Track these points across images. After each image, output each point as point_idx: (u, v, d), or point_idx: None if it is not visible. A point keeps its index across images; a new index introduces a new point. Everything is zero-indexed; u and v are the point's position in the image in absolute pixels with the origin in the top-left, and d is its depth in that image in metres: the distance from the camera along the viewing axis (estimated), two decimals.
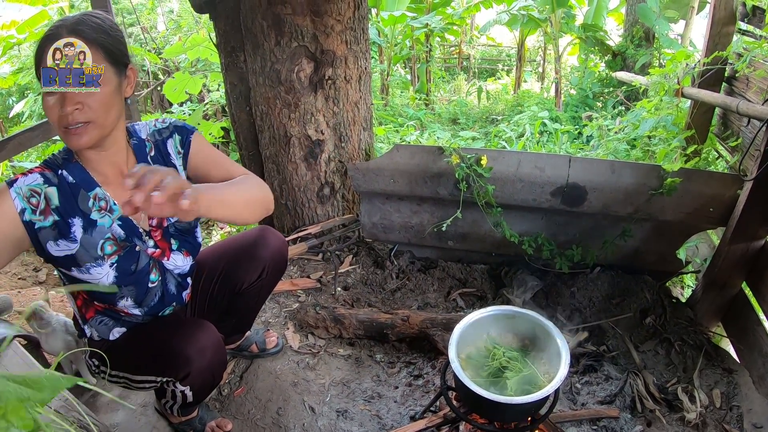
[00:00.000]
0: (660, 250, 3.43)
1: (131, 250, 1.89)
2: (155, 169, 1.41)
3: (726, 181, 3.12)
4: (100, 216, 1.79)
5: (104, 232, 1.80)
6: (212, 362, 1.99)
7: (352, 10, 3.38)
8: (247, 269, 2.31)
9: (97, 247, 1.79)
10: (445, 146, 3.38)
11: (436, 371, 2.91)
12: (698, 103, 4.18)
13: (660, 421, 2.62)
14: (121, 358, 1.96)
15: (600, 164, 3.29)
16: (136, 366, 2.01)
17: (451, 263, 3.81)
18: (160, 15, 11.11)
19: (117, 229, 1.85)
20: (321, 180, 3.77)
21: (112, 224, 1.83)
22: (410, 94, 12.17)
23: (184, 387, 2.04)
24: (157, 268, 2.01)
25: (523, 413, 2.16)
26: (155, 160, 1.98)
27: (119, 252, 1.85)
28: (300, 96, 3.47)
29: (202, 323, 2.00)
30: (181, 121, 2.07)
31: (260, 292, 2.47)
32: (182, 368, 1.93)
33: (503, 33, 17.57)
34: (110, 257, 1.83)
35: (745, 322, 3.06)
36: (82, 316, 2.01)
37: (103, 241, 1.80)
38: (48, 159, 1.76)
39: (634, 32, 9.62)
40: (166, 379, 2.00)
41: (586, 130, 7.14)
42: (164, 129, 2.02)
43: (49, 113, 1.63)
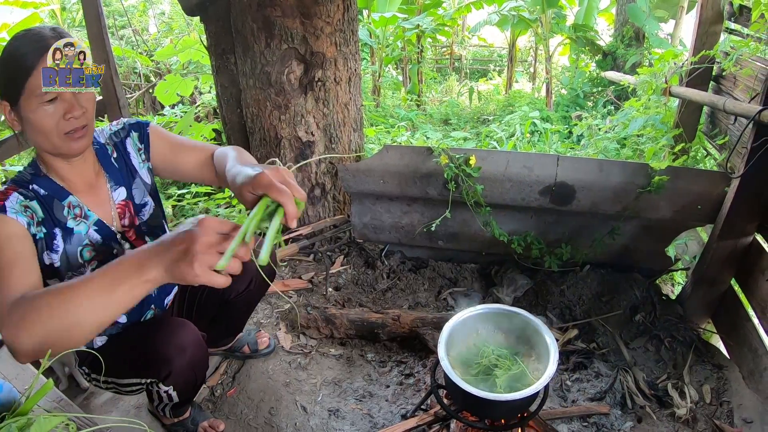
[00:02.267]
0: (649, 247, 3.45)
1: (110, 254, 1.90)
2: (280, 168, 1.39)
3: (713, 178, 3.14)
4: (75, 224, 1.81)
5: (82, 239, 1.82)
6: (193, 360, 1.98)
7: (341, 12, 3.40)
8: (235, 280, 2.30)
9: (77, 255, 1.80)
10: (434, 147, 3.40)
11: (427, 370, 2.93)
12: (686, 102, 4.21)
13: (650, 417, 2.64)
14: (108, 362, 1.93)
15: (588, 163, 3.31)
16: (120, 370, 2.01)
17: (441, 263, 3.83)
18: (152, 17, 11.10)
19: (94, 234, 1.86)
20: (312, 181, 3.78)
21: (89, 230, 1.84)
22: (402, 95, 12.17)
23: (167, 387, 2.05)
24: None
25: (513, 410, 2.18)
26: (118, 161, 2.00)
27: (99, 257, 1.86)
28: (290, 98, 3.48)
29: (181, 322, 1.99)
30: (134, 119, 2.09)
31: (249, 300, 2.48)
32: (163, 368, 1.94)
33: (494, 33, 17.59)
34: (90, 263, 1.84)
35: (734, 318, 3.08)
36: None
37: (81, 248, 1.81)
38: (14, 178, 1.74)
39: (624, 32, 9.67)
40: (150, 380, 2.01)
41: (576, 130, 7.15)
42: (120, 130, 2.03)
43: (46, 121, 1.62)
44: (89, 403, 2.64)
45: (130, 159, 2.03)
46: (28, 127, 1.65)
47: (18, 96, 1.59)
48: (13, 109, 1.63)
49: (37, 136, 1.66)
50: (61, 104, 1.62)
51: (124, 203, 1.99)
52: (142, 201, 2.06)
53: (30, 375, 2.22)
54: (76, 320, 1.28)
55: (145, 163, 2.06)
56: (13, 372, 2.20)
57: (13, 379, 2.12)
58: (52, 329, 1.29)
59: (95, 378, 2.05)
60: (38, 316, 1.29)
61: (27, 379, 2.16)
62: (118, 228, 1.96)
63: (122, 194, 1.99)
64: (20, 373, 2.19)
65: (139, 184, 2.05)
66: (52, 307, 1.29)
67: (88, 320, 1.29)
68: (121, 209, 1.98)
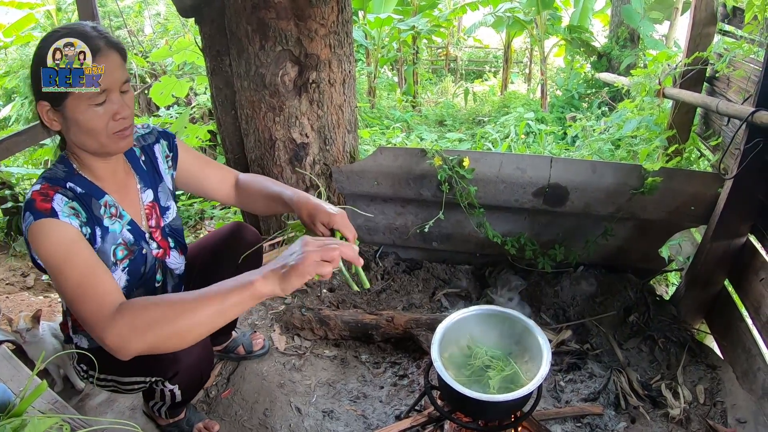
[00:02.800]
0: (643, 248, 3.46)
1: (139, 252, 1.92)
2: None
3: (707, 179, 3.15)
4: (111, 223, 1.82)
5: (116, 238, 1.83)
6: (200, 359, 2.02)
7: (335, 14, 3.40)
8: (225, 265, 2.32)
9: (110, 254, 1.81)
10: (428, 148, 3.41)
11: (421, 371, 2.93)
12: (679, 103, 4.22)
13: (644, 418, 2.65)
14: (109, 360, 1.94)
15: (581, 164, 3.32)
16: (124, 367, 1.97)
17: (435, 264, 3.83)
18: (147, 18, 11.10)
19: (126, 234, 1.88)
20: (306, 183, 3.78)
21: (122, 229, 1.86)
22: (397, 96, 12.18)
23: (173, 386, 2.05)
24: (161, 268, 2.06)
25: (506, 411, 2.19)
26: (146, 164, 2.04)
27: (130, 256, 1.88)
28: (284, 99, 3.48)
29: None
30: (160, 127, 2.15)
31: None
32: (171, 367, 1.94)
33: (490, 35, 17.63)
34: (122, 262, 1.85)
35: (728, 318, 3.10)
36: (75, 327, 2.01)
37: (115, 246, 1.82)
38: (47, 176, 1.72)
39: (619, 33, 9.69)
40: (155, 378, 2.01)
41: (571, 131, 7.17)
42: (148, 134, 2.08)
43: (96, 122, 1.65)
44: (84, 404, 2.64)
45: (157, 163, 2.07)
46: (75, 128, 1.66)
47: (64, 97, 1.60)
48: (56, 109, 1.64)
49: (84, 136, 1.68)
50: (110, 105, 1.66)
51: (151, 204, 2.02)
52: (166, 204, 2.09)
53: (25, 376, 2.22)
54: (188, 329, 1.47)
55: (170, 170, 2.12)
56: (7, 374, 2.20)
57: (8, 380, 2.12)
58: (165, 336, 1.46)
59: (92, 375, 2.03)
60: (152, 325, 1.44)
61: (22, 381, 2.16)
62: (146, 228, 1.99)
63: (150, 196, 2.03)
64: (15, 375, 2.19)
65: (164, 187, 2.09)
66: (167, 319, 1.45)
67: (200, 330, 1.49)
68: (148, 210, 2.01)
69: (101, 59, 1.61)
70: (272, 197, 2.07)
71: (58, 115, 1.66)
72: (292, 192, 1.98)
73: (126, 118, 1.70)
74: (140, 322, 1.45)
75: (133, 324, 1.45)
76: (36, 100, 1.66)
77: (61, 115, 1.66)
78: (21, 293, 3.94)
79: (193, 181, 2.19)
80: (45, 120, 1.68)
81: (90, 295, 1.51)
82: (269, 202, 2.11)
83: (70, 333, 2.04)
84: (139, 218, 1.96)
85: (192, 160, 2.17)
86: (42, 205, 1.58)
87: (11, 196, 4.89)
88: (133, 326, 1.45)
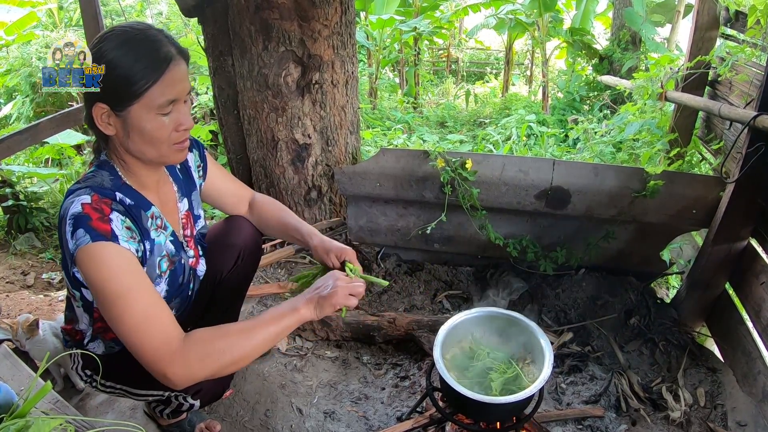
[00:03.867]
0: (644, 251, 3.46)
1: (179, 263, 1.89)
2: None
3: (708, 183, 3.16)
4: (156, 235, 1.77)
5: (161, 249, 1.79)
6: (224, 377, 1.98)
7: (339, 15, 3.41)
8: (223, 257, 2.28)
9: (156, 266, 1.76)
10: (431, 150, 3.41)
11: (423, 372, 2.93)
12: (681, 107, 4.22)
13: (645, 420, 2.65)
14: (122, 370, 1.88)
15: (583, 167, 3.32)
16: (141, 380, 1.88)
17: (437, 266, 3.83)
18: (149, 17, 11.13)
19: (169, 245, 1.84)
20: (308, 183, 3.79)
21: (166, 241, 1.82)
22: (398, 97, 12.19)
23: (194, 401, 1.98)
24: (193, 276, 2.03)
25: (508, 413, 2.19)
26: (182, 172, 2.03)
27: (171, 267, 1.84)
28: (287, 100, 3.49)
29: None
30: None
31: (239, 280, 2.41)
32: (195, 384, 1.87)
33: (491, 36, 17.66)
34: (164, 274, 1.81)
35: (728, 321, 3.09)
36: (94, 334, 1.89)
37: (160, 258, 1.78)
38: (94, 185, 1.61)
39: (620, 36, 9.68)
40: (176, 393, 1.94)
41: (573, 134, 7.17)
42: None
43: (161, 132, 1.62)
44: (84, 404, 2.63)
45: (191, 172, 2.06)
46: (137, 136, 1.61)
47: (129, 103, 1.56)
48: (117, 114, 1.58)
49: (145, 144, 1.64)
50: (176, 115, 1.63)
51: (186, 213, 2.01)
52: (197, 212, 2.09)
53: (25, 375, 2.23)
54: (247, 356, 1.61)
55: (200, 179, 2.11)
56: (8, 373, 2.20)
57: (8, 380, 2.12)
58: (227, 364, 1.56)
59: (95, 380, 1.96)
60: (218, 356, 1.54)
61: (22, 380, 2.16)
62: (182, 237, 1.97)
63: (186, 205, 2.01)
64: (15, 374, 2.20)
65: (196, 196, 2.08)
66: (231, 349, 1.55)
67: (256, 354, 1.65)
68: (185, 219, 1.99)
69: (174, 67, 1.58)
70: (289, 228, 2.21)
71: (117, 120, 1.59)
72: (307, 229, 2.15)
73: (188, 129, 1.68)
74: (207, 355, 1.53)
75: (201, 356, 1.52)
76: (92, 102, 1.57)
77: (121, 121, 1.59)
78: (21, 291, 3.93)
79: (215, 194, 2.20)
80: (99, 123, 1.60)
81: (156, 329, 1.50)
82: (285, 232, 2.24)
83: (83, 340, 1.91)
84: (177, 228, 1.94)
85: (217, 173, 2.18)
86: (100, 225, 1.51)
87: (12, 195, 4.89)
88: (201, 359, 1.52)
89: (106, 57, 1.54)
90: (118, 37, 1.56)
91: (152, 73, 1.54)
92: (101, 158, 1.73)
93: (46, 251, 4.78)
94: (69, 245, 1.50)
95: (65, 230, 1.51)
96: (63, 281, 4.33)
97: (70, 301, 1.86)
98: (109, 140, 1.68)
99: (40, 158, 6.32)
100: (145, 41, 1.56)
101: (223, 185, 2.21)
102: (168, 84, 1.57)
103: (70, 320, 1.93)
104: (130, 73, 1.53)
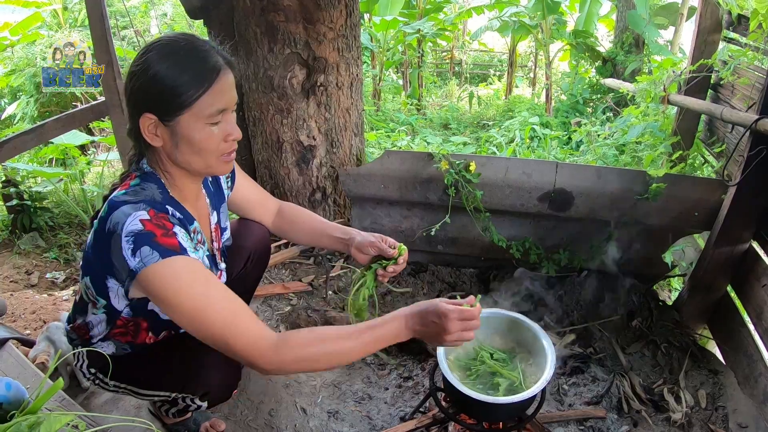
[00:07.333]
0: (646, 254, 3.47)
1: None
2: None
3: (710, 186, 3.17)
4: (196, 250, 1.69)
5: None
6: (234, 377, 1.99)
7: (344, 17, 3.42)
8: (233, 259, 2.27)
9: None
10: (435, 152, 3.42)
11: (426, 373, 2.95)
12: (684, 110, 4.24)
13: (646, 422, 2.66)
14: (129, 371, 1.90)
15: (586, 170, 3.34)
16: (149, 381, 1.95)
17: (440, 267, 3.84)
18: (154, 18, 11.13)
19: (206, 260, 1.82)
20: (313, 185, 3.80)
21: (203, 256, 1.81)
22: (402, 99, 12.17)
23: (202, 403, 1.97)
24: None
25: (510, 413, 2.20)
26: (213, 185, 2.03)
27: None
28: (292, 102, 3.51)
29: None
30: None
31: (246, 281, 2.42)
32: (203, 387, 1.91)
33: (495, 39, 17.59)
34: None
35: (730, 324, 3.11)
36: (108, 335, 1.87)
37: None
38: (146, 200, 1.58)
39: (624, 39, 9.68)
40: (183, 395, 1.95)
41: (576, 136, 7.17)
42: None
43: (210, 143, 1.62)
44: (90, 402, 2.63)
45: (221, 184, 2.07)
46: (186, 146, 1.61)
47: (178, 113, 1.56)
48: (165, 124, 1.58)
49: (193, 155, 1.63)
50: (224, 125, 1.63)
51: (216, 226, 2.00)
52: (224, 224, 2.08)
53: (31, 373, 2.24)
54: (337, 363, 1.67)
55: (228, 191, 2.11)
56: (14, 371, 2.22)
57: (15, 377, 2.14)
58: (318, 366, 1.70)
59: (99, 378, 1.97)
60: (313, 360, 1.61)
61: (28, 377, 2.17)
62: (213, 251, 1.96)
63: (215, 218, 2.00)
64: (22, 372, 2.21)
65: (224, 208, 2.08)
66: (326, 355, 1.60)
67: (345, 362, 1.73)
68: (215, 232, 1.99)
69: (223, 76, 1.59)
70: (322, 233, 2.20)
71: (165, 130, 1.59)
72: (343, 230, 2.16)
73: (236, 139, 1.67)
74: (302, 359, 1.58)
75: (296, 358, 1.57)
76: (140, 112, 1.57)
77: (169, 131, 1.59)
78: (25, 291, 3.94)
79: (243, 203, 2.21)
80: (146, 133, 1.59)
81: (242, 331, 1.54)
82: (318, 237, 2.22)
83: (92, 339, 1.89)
84: (210, 241, 1.94)
85: (245, 182, 2.18)
86: (167, 241, 1.51)
87: (16, 194, 4.90)
88: (297, 359, 1.58)
89: (153, 67, 1.55)
90: (165, 47, 1.58)
91: (202, 83, 1.55)
92: (146, 169, 1.70)
93: (50, 251, 4.79)
94: (129, 263, 1.48)
95: (122, 247, 1.48)
96: (67, 281, 4.35)
97: (82, 304, 1.83)
98: (154, 152, 1.68)
99: (44, 158, 6.32)
100: (193, 51, 1.58)
101: (251, 194, 2.22)
102: (217, 93, 1.58)
103: (76, 320, 1.92)
104: (179, 83, 1.54)
